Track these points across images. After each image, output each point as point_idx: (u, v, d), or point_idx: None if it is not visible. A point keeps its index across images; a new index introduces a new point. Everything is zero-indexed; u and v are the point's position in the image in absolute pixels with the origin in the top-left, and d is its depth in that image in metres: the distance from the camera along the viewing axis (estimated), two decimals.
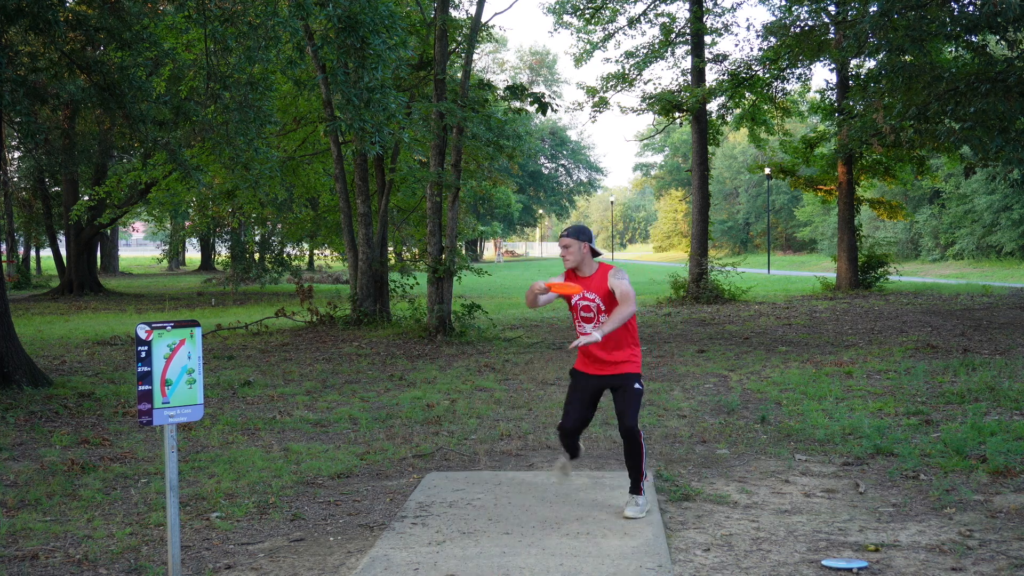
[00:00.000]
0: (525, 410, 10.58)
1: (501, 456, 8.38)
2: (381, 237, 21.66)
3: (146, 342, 4.86)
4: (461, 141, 18.49)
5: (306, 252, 50.47)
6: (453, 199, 18.39)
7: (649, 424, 9.60)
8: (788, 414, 9.96)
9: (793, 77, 29.59)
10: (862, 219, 34.96)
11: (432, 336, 17.95)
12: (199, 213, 35.93)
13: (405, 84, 20.35)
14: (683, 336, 18.55)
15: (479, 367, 14.31)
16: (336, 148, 20.63)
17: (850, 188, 29.94)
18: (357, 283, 20.81)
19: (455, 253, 18.51)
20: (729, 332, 19.03)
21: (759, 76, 28.60)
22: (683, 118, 29.67)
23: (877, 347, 15.51)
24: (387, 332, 18.99)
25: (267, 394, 11.91)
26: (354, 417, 10.25)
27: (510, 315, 24.86)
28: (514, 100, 19.47)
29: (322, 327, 20.50)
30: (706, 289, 27.07)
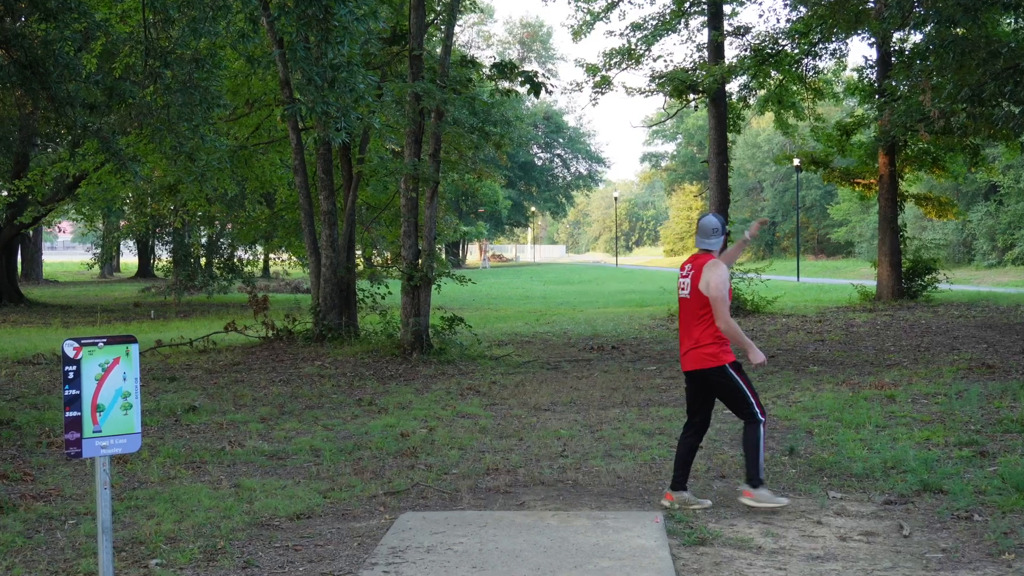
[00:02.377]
0: (515, 440, 10.59)
1: (487, 494, 8.38)
2: (348, 239, 21.67)
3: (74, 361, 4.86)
4: (441, 127, 18.52)
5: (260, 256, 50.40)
6: (431, 195, 18.41)
7: (659, 456, 9.62)
8: (820, 445, 9.98)
9: (826, 53, 29.72)
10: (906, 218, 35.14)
11: (407, 354, 17.95)
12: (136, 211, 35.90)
13: (375, 61, 20.38)
14: None
15: (461, 390, 14.32)
16: (295, 136, 20.63)
17: (892, 182, 30.05)
18: (320, 292, 20.81)
19: (433, 257, 18.51)
20: None
21: (787, 52, 28.72)
22: (698, 101, 29.75)
23: (924, 367, 15.56)
24: (355, 349, 18.99)
25: (215, 421, 11.89)
26: (316, 448, 10.25)
27: (497, 329, 24.87)
28: (502, 80, 19.52)
29: (279, 344, 20.46)
30: None
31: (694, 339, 7.81)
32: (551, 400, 13.30)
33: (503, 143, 21.06)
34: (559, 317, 29.22)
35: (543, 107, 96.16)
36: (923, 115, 22.87)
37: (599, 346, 20.21)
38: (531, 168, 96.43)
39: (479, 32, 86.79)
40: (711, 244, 7.98)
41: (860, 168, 31.92)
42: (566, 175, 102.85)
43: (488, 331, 24.08)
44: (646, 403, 12.90)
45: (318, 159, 20.89)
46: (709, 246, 7.98)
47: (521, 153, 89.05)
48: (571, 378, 15.49)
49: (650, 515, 7.41)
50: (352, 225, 21.89)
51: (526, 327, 25.57)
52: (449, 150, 22.56)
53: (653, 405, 12.69)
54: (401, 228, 18.74)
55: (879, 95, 28.70)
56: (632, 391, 13.98)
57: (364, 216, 26.29)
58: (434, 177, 18.23)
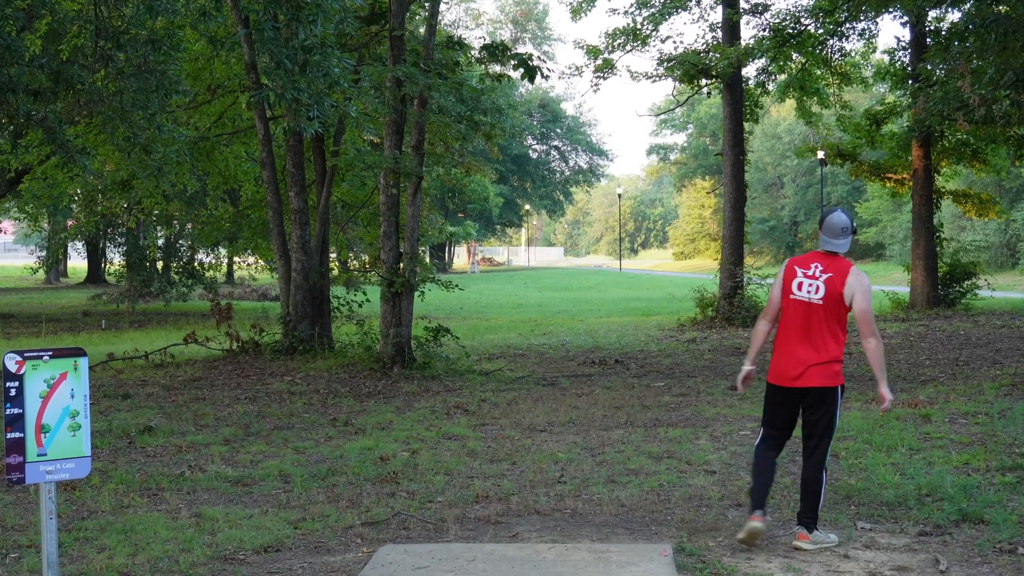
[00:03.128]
0: (507, 464, 10.60)
1: (476, 524, 8.39)
2: (321, 240, 21.66)
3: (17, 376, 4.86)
4: (424, 116, 18.52)
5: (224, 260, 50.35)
6: (414, 191, 18.42)
7: (668, 483, 9.64)
8: (848, 469, 10.00)
9: (854, 33, 29.80)
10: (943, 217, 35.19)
11: (387, 369, 17.95)
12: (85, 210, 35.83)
13: (352, 42, 20.39)
14: (711, 368, 18.60)
15: (447, 408, 14.32)
16: (263, 126, 20.63)
17: (928, 177, 30.12)
18: (290, 300, 20.80)
19: (416, 261, 18.52)
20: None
21: (810, 32, 28.77)
22: (712, 86, 29.81)
23: (963, 383, 15.58)
24: (329, 363, 18.98)
25: (173, 443, 11.88)
26: (286, 473, 10.24)
27: (487, 341, 24.87)
28: (493, 63, 19.52)
29: (244, 357, 20.44)
30: (741, 308, 27.17)
31: (824, 352, 7.59)
32: (547, 420, 13.30)
33: (494, 134, 21.06)
34: (556, 327, 29.23)
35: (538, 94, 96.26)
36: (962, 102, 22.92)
37: (601, 360, 20.23)
38: (525, 162, 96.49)
39: (467, 10, 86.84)
40: (841, 245, 7.67)
41: (891, 161, 31.99)
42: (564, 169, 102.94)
43: (477, 343, 24.08)
44: (653, 423, 12.91)
45: (288, 152, 20.87)
46: (838, 247, 7.67)
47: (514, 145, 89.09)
48: (570, 395, 15.50)
49: (658, 548, 7.41)
50: (326, 225, 21.88)
51: (519, 338, 25.57)
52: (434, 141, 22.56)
53: (661, 425, 12.70)
54: (380, 228, 18.74)
55: (913, 80, 28.80)
56: (637, 410, 13.99)
57: (339, 215, 26.27)
58: (417, 172, 18.24)
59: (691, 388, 15.99)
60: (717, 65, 27.76)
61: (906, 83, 29.95)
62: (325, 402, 15.05)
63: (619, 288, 58.80)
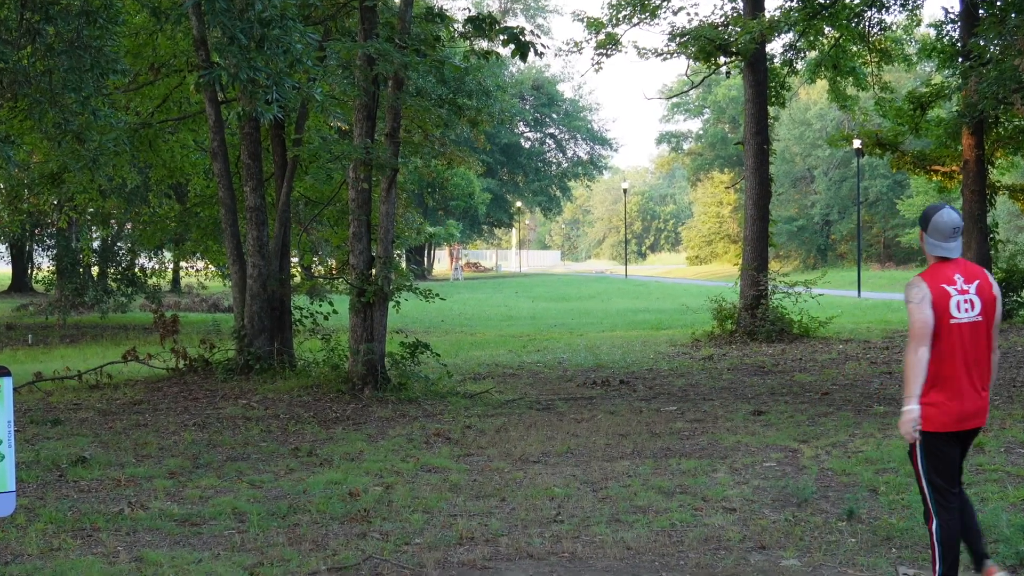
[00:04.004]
0: (495, 501, 10.60)
1: (459, 569, 8.39)
2: (281, 243, 21.63)
3: None
4: (400, 99, 18.53)
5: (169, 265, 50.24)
6: (388, 186, 18.42)
7: (681, 522, 9.65)
8: (888, 507, 10.02)
9: (895, 3, 29.88)
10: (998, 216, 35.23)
11: (357, 390, 17.95)
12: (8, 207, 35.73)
13: (317, 14, 20.38)
14: (731, 390, 18.62)
15: (426, 436, 14.33)
16: (213, 110, 20.61)
17: (980, 170, 30.12)
18: (245, 311, 20.78)
19: (391, 267, 18.52)
20: (800, 384, 19.12)
21: (844, 2, 28.84)
22: (731, 65, 29.84)
23: (1021, 407, 15.62)
24: (289, 384, 18.97)
25: (111, 476, 11.87)
26: (240, 511, 10.24)
27: (473, 359, 24.87)
28: (479, 38, 19.54)
29: (193, 377, 20.43)
30: (766, 320, 27.22)
31: (989, 377, 7.29)
32: (542, 449, 13.31)
33: (480, 120, 21.07)
34: (552, 343, 29.25)
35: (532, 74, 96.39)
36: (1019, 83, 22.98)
37: (603, 380, 20.25)
38: (516, 152, 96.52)
39: None
40: (955, 248, 7.26)
41: (938, 152, 32.03)
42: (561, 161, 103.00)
43: (461, 361, 24.08)
44: (663, 453, 12.92)
45: (243, 140, 20.86)
46: (951, 251, 7.27)
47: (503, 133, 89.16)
48: (568, 421, 15.51)
49: None
50: (287, 225, 21.86)
51: (510, 356, 25.58)
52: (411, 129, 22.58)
53: (673, 456, 12.71)
54: (349, 229, 18.74)
55: (963, 58, 28.80)
56: (645, 438, 14.00)
57: (302, 214, 26.25)
58: (391, 163, 18.24)
59: (707, 413, 16.00)
60: (737, 41, 27.73)
61: (955, 61, 29.94)
62: (286, 429, 15.04)
63: (624, 298, 58.83)
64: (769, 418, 15.32)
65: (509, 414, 16.25)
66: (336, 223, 26.60)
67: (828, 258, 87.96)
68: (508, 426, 15.12)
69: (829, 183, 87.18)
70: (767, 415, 15.59)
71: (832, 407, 16.24)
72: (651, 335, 31.22)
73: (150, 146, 26.20)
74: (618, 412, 16.21)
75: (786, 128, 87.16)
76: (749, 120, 28.26)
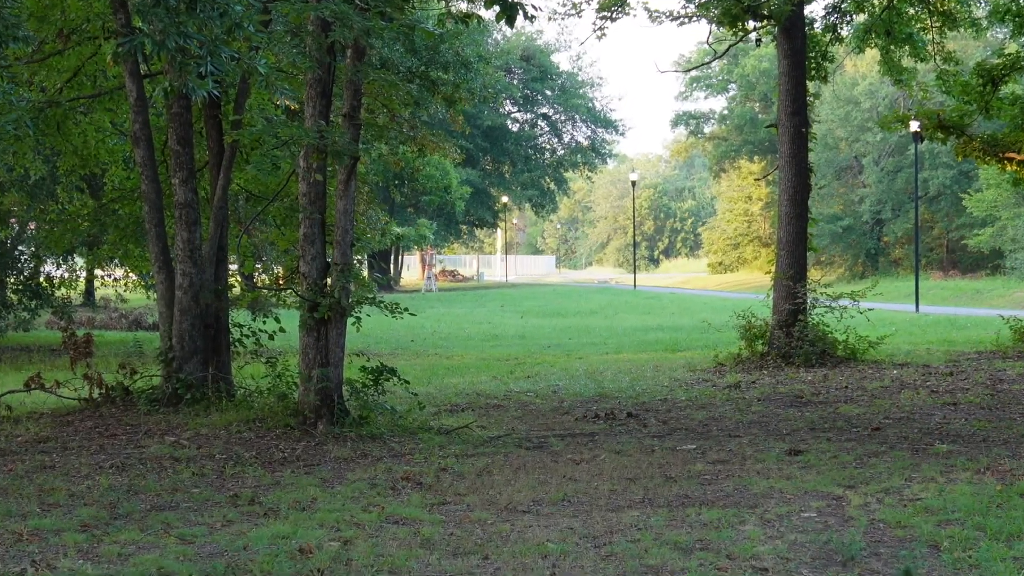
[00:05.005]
0: (476, 559, 10.64)
1: None
2: (217, 246, 21.61)
3: None
4: (362, 73, 18.55)
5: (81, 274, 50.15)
6: (347, 178, 18.44)
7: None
8: (952, 566, 10.06)
9: None
10: None
11: (309, 425, 17.95)
12: None
13: None
14: (762, 425, 18.66)
15: (393, 481, 14.35)
16: (135, 86, 20.61)
17: None
18: (173, 329, 20.76)
19: (351, 275, 18.52)
20: (846, 418, 19.18)
21: None
22: (763, 31, 29.94)
23: None
24: (227, 418, 18.94)
25: (11, 530, 11.84)
26: (167, 572, 10.25)
27: (449, 386, 24.87)
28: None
29: (110, 409, 20.34)
30: (804, 340, 27.22)
31: None
32: (533, 497, 13.34)
33: (458, 97, 21.09)
34: (545, 368, 29.24)
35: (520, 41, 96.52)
36: None
37: (608, 412, 20.29)
38: (502, 136, 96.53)
39: None
40: None
41: (1013, 136, 32.04)
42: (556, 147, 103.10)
43: (435, 389, 24.08)
44: (680, 501, 12.96)
45: (170, 123, 20.84)
46: None
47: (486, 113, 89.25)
48: (564, 462, 15.54)
49: None
50: (224, 225, 21.84)
51: (494, 383, 25.58)
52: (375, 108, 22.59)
53: (692, 504, 12.75)
54: (300, 230, 18.75)
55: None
56: (659, 483, 14.04)
57: (242, 211, 26.25)
58: (351, 150, 18.25)
59: (733, 452, 16.05)
60: (770, 2, 27.83)
61: None
62: (222, 472, 15.05)
63: (633, 313, 58.85)
64: (808, 459, 15.36)
65: (493, 454, 16.27)
66: (284, 223, 26.58)
67: (880, 265, 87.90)
68: (492, 468, 15.15)
69: (881, 174, 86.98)
70: (805, 455, 15.62)
71: (884, 445, 16.28)
72: (665, 358, 31.23)
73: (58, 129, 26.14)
74: (625, 451, 16.26)
75: (829, 107, 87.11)
76: (784, 98, 28.26)
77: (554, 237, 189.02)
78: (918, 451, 15.77)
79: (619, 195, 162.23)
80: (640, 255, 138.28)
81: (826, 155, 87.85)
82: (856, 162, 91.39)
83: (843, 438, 17.01)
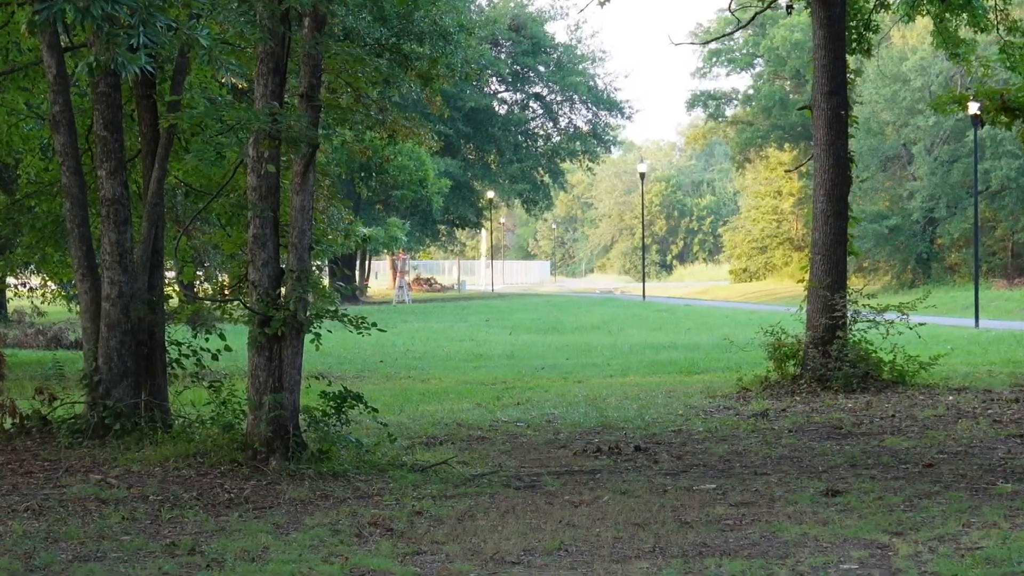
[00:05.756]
0: None
1: None
2: (151, 250, 21.55)
3: None
4: (322, 45, 18.51)
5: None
6: (304, 169, 18.39)
7: None
8: None
9: None
10: None
11: (260, 460, 17.88)
12: None
13: None
14: (793, 460, 18.63)
15: (358, 526, 14.29)
16: (55, 62, 20.55)
17: None
18: (100, 348, 20.69)
19: (308, 283, 18.46)
20: (893, 452, 19.15)
21: None
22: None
23: None
24: (164, 452, 18.87)
25: None
26: None
27: (425, 415, 24.86)
28: None
29: (26, 441, 20.31)
30: (843, 360, 27.21)
31: None
32: (523, 545, 13.29)
33: (435, 74, 21.06)
34: (538, 393, 29.26)
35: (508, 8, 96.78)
36: None
37: (612, 446, 20.26)
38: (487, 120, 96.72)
39: None
40: None
41: None
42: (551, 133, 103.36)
43: (409, 418, 24.06)
44: (697, 551, 12.91)
45: (96, 104, 20.76)
46: None
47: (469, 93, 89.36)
48: (560, 505, 15.51)
49: None
50: (159, 225, 21.77)
51: (478, 411, 25.57)
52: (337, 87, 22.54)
53: (711, 554, 12.72)
54: (249, 230, 18.67)
55: None
56: (672, 529, 13.99)
57: (181, 208, 26.23)
58: (309, 136, 18.20)
59: (760, 493, 16.01)
60: None
61: None
62: (158, 516, 14.97)
63: (642, 328, 59.02)
64: (848, 500, 15.31)
65: (477, 495, 16.24)
66: (229, 222, 26.56)
67: (932, 272, 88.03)
68: (475, 512, 15.10)
69: (934, 165, 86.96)
70: (845, 496, 15.58)
71: (938, 485, 16.25)
72: (679, 382, 31.27)
73: None
74: (632, 492, 16.22)
75: (873, 86, 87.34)
76: (820, 74, 28.26)
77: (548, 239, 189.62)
78: (978, 491, 15.74)
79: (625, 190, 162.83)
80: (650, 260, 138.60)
81: (869, 142, 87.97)
82: (905, 151, 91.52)
83: (889, 476, 16.97)
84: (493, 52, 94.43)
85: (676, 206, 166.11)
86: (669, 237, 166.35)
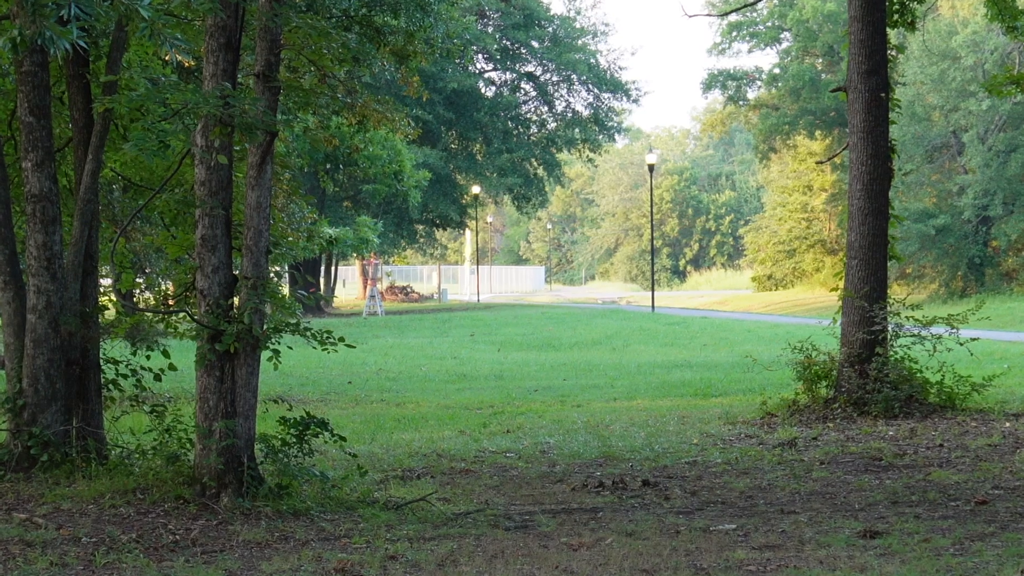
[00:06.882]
0: None
1: None
2: (84, 254, 21.61)
3: None
4: (281, 18, 18.57)
5: None
6: (261, 161, 18.44)
7: None
8: None
9: None
10: None
11: (210, 497, 17.91)
12: None
13: None
14: (826, 497, 18.69)
15: (323, 573, 14.36)
16: None
17: None
18: (24, 367, 20.73)
19: (265, 292, 18.51)
20: (941, 487, 19.20)
21: None
22: None
23: None
24: (99, 487, 18.90)
25: None
26: None
27: (401, 444, 24.91)
28: None
29: None
30: (883, 381, 27.24)
31: None
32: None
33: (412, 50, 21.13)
34: (531, 419, 29.30)
35: None
36: None
37: (616, 480, 20.32)
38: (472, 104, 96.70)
39: None
40: None
41: None
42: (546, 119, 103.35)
43: (382, 448, 24.11)
44: None
45: (20, 86, 20.82)
46: None
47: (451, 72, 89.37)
48: (556, 548, 15.56)
49: None
50: (93, 225, 21.82)
51: (461, 440, 25.64)
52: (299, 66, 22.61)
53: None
54: (197, 231, 18.72)
55: None
56: (686, 575, 14.05)
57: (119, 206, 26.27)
58: (266, 123, 18.25)
59: (788, 534, 16.07)
60: None
61: None
62: (91, 561, 15.02)
63: (651, 344, 59.06)
64: (889, 542, 15.38)
65: (460, 536, 16.29)
66: (174, 221, 26.58)
67: (987, 279, 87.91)
68: (459, 556, 15.16)
69: (988, 155, 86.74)
70: (886, 538, 15.64)
71: (993, 524, 16.31)
72: (694, 406, 31.32)
73: None
74: (640, 533, 16.28)
75: (917, 65, 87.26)
76: (856, 51, 28.32)
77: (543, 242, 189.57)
78: None
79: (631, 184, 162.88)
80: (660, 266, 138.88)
81: (913, 129, 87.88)
82: (955, 139, 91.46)
83: (937, 515, 17.02)
84: (479, 25, 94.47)
85: (690, 203, 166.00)
86: (682, 239, 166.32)
